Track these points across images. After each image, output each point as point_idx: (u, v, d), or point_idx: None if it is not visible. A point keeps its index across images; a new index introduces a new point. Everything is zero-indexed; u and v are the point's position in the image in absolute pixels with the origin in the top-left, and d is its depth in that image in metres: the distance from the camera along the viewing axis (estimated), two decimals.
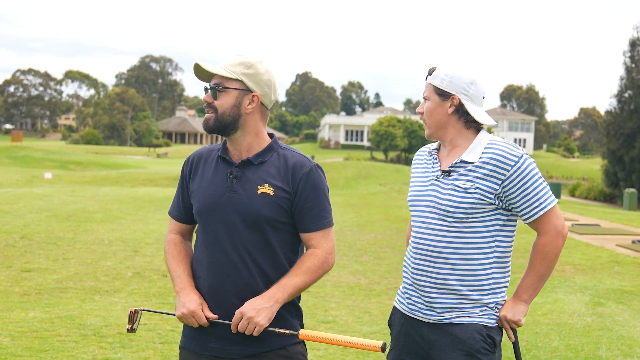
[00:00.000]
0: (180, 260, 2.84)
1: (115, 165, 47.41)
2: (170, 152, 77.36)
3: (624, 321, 7.55)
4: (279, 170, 2.76)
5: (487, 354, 2.84)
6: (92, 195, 21.21)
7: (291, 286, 2.69)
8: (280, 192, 2.73)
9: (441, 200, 2.85)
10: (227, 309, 2.71)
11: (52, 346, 5.84)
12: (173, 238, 2.92)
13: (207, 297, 2.74)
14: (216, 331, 2.74)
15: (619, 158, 42.31)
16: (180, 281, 2.78)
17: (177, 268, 2.82)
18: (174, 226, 2.94)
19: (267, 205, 2.71)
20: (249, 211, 2.70)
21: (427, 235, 2.88)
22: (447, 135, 2.95)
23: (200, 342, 2.77)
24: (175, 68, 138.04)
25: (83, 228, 13.56)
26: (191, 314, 2.68)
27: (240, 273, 2.71)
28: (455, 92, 2.90)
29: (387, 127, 68.94)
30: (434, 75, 2.94)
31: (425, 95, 2.98)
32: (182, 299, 2.72)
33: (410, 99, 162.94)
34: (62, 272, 9.25)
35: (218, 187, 2.76)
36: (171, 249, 2.88)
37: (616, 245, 13.73)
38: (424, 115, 2.99)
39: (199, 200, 2.79)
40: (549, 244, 2.85)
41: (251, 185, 2.73)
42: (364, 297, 8.51)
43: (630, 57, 43.56)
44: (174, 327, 6.63)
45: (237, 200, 2.72)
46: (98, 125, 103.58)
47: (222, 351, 2.74)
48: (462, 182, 2.83)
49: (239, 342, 2.72)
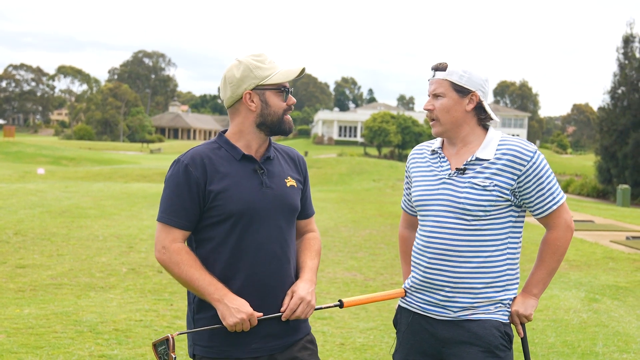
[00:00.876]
0: (202, 268, 2.67)
1: (108, 161, 47.27)
2: (163, 147, 77.20)
3: (619, 317, 7.57)
4: (288, 162, 2.90)
5: (504, 350, 2.85)
6: (85, 191, 21.14)
7: (315, 268, 2.88)
8: (299, 183, 2.89)
9: (458, 198, 2.83)
10: (271, 304, 2.72)
11: (48, 343, 5.81)
12: (181, 247, 2.70)
13: (251, 297, 2.67)
14: (260, 330, 2.70)
15: (612, 154, 42.40)
16: (216, 288, 2.64)
17: (204, 276, 2.65)
18: (179, 235, 2.71)
19: (296, 196, 2.86)
20: (288, 204, 2.79)
21: (443, 235, 2.85)
22: (461, 133, 2.92)
23: (241, 347, 2.70)
24: (168, 63, 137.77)
25: (77, 224, 13.50)
26: (250, 317, 2.62)
27: (283, 267, 2.77)
28: (475, 89, 2.88)
29: (380, 123, 68.98)
30: (450, 71, 2.87)
31: (440, 92, 2.88)
32: (233, 305, 2.61)
33: (404, 95, 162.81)
34: (57, 268, 9.21)
35: (252, 185, 2.74)
36: (186, 258, 2.67)
37: (610, 241, 13.76)
38: (437, 113, 2.90)
39: (236, 201, 2.69)
40: (560, 238, 2.90)
41: (279, 179, 2.81)
42: (360, 294, 8.49)
43: (624, 54, 43.61)
44: (170, 323, 6.61)
45: (274, 195, 2.76)
46: (91, 120, 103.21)
47: (264, 349, 2.73)
48: (480, 179, 2.82)
49: (279, 336, 2.75)
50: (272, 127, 2.79)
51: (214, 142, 2.83)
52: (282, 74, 2.75)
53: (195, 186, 2.69)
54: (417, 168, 3.06)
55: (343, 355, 5.88)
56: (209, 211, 2.71)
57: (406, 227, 3.29)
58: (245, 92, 2.75)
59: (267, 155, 2.80)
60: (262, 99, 2.76)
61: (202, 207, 2.71)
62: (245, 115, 2.79)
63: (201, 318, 2.73)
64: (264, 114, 2.76)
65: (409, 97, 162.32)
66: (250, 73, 2.74)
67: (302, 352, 2.80)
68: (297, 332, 2.80)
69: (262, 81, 2.74)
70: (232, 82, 2.77)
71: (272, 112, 2.76)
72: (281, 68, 2.79)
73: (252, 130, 2.79)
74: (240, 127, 2.81)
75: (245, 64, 2.76)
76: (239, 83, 2.75)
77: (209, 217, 2.72)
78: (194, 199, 2.70)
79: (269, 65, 2.77)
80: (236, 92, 2.77)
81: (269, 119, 2.77)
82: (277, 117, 2.78)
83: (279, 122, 2.78)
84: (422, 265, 2.92)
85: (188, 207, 2.70)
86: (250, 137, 2.80)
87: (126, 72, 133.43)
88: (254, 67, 2.75)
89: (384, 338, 6.45)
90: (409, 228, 3.27)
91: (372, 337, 6.50)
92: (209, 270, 2.70)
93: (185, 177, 2.70)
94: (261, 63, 2.76)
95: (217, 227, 2.71)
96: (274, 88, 2.76)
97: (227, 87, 2.79)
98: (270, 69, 2.76)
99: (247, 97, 2.76)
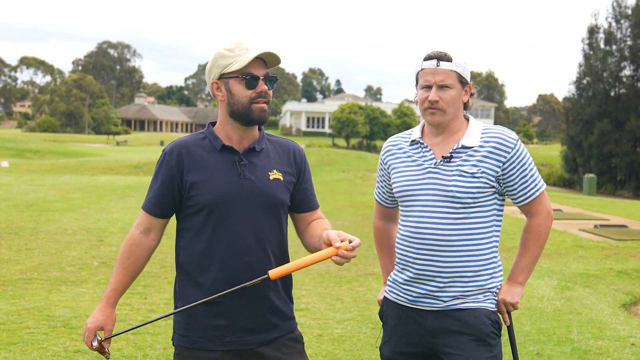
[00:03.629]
0: (124, 265, 2.74)
1: (73, 154, 46.59)
2: (130, 139, 76.33)
3: (591, 304, 7.66)
4: (280, 155, 2.83)
5: (495, 337, 2.86)
6: (52, 184, 20.82)
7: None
8: (288, 177, 2.81)
9: (447, 186, 2.82)
10: (245, 298, 2.68)
11: (21, 339, 5.70)
12: (136, 236, 2.77)
13: (224, 288, 2.64)
14: (234, 324, 2.68)
15: (577, 144, 43.04)
16: (108, 290, 2.73)
17: (117, 274, 2.75)
18: (148, 220, 2.77)
19: (280, 190, 2.76)
20: (266, 197, 2.72)
21: (432, 224, 2.84)
22: (452, 123, 2.93)
23: (214, 339, 2.69)
24: (133, 54, 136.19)
25: (45, 217, 13.29)
26: (87, 331, 2.69)
27: (260, 260, 2.70)
28: (470, 81, 2.95)
29: (348, 114, 69.02)
30: (457, 62, 2.87)
31: (449, 83, 2.85)
32: (97, 313, 2.71)
33: (372, 86, 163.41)
34: (26, 262, 9.05)
35: (229, 176, 2.69)
36: (126, 249, 2.75)
37: (579, 229, 13.93)
38: (443, 104, 2.86)
39: (210, 191, 2.66)
40: (542, 224, 2.94)
41: (261, 172, 2.74)
42: (335, 284, 8.49)
43: (589, 44, 44.21)
44: (145, 316, 6.53)
45: (252, 187, 2.70)
46: (55, 112, 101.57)
47: (238, 343, 2.69)
48: (467, 167, 2.83)
49: (256, 331, 2.70)
50: (239, 117, 2.70)
51: (201, 133, 2.80)
52: (242, 61, 2.67)
53: (169, 176, 2.71)
54: (395, 159, 3.03)
55: (322, 347, 5.85)
56: (187, 201, 2.72)
57: (380, 218, 3.27)
58: (212, 82, 2.74)
59: (251, 147, 2.75)
60: (227, 88, 2.71)
61: (179, 197, 2.73)
62: (220, 106, 2.77)
63: (181, 307, 2.72)
64: (230, 103, 2.70)
65: (376, 87, 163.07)
66: (216, 63, 2.71)
67: (283, 350, 2.75)
68: (277, 329, 2.76)
69: (224, 69, 2.69)
70: (207, 74, 2.78)
71: (237, 100, 2.69)
72: (247, 55, 2.70)
73: (228, 120, 2.75)
74: (220, 118, 2.79)
75: (215, 54, 2.74)
76: (208, 73, 2.77)
77: (187, 207, 2.73)
78: (167, 188, 2.72)
79: (237, 53, 2.69)
80: (209, 83, 2.77)
81: (235, 108, 2.70)
82: (242, 106, 2.68)
83: (245, 111, 2.68)
84: (410, 257, 2.89)
85: (159, 195, 2.74)
86: (228, 127, 2.75)
87: (90, 63, 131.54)
88: (219, 57, 2.71)
89: (361, 329, 6.44)
90: (383, 220, 3.26)
91: (350, 328, 6.48)
92: (188, 259, 2.73)
93: (162, 166, 2.74)
94: (229, 52, 2.70)
95: (194, 217, 2.72)
96: (235, 76, 2.68)
97: (207, 79, 2.79)
98: (235, 57, 2.68)
99: (215, 87, 2.74)
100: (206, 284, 2.68)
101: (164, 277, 8.36)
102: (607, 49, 43.53)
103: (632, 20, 42.65)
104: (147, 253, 2.78)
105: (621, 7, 43.24)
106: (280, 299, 2.78)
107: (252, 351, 2.71)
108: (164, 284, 7.99)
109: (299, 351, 2.81)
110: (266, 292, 2.72)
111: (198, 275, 2.70)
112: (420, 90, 2.92)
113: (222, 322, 2.68)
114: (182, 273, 2.76)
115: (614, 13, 43.51)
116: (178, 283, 2.79)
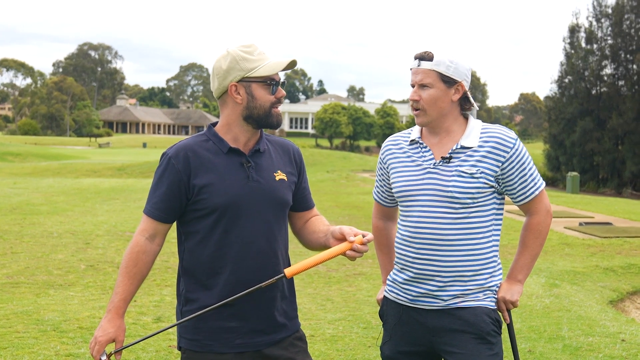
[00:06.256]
0: (131, 274, 2.66)
1: (55, 156, 46.30)
2: (112, 141, 75.95)
3: (580, 301, 7.71)
4: (282, 155, 2.84)
5: (495, 335, 2.86)
6: (35, 187, 20.68)
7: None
8: (291, 177, 2.83)
9: (446, 187, 2.81)
10: (256, 299, 2.66)
11: (11, 343, 5.64)
12: (141, 243, 2.69)
13: (236, 292, 2.62)
14: (244, 325, 2.67)
15: (560, 142, 43.37)
16: (115, 300, 2.64)
17: (122, 282, 2.66)
18: (153, 225, 2.70)
19: (286, 190, 2.78)
20: (276, 198, 2.72)
21: (432, 224, 2.83)
22: (445, 123, 2.90)
23: (224, 342, 2.67)
24: (114, 56, 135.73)
25: (29, 221, 13.17)
26: (96, 343, 2.59)
27: (271, 261, 2.70)
28: (461, 79, 2.87)
29: (331, 114, 69.14)
30: (438, 61, 2.83)
31: (427, 82, 2.84)
32: (105, 325, 2.61)
33: (354, 86, 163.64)
34: (12, 266, 8.96)
35: (238, 179, 2.67)
36: (132, 257, 2.67)
37: (564, 227, 14.02)
38: (423, 103, 2.86)
39: (220, 194, 2.63)
40: (541, 222, 2.95)
41: (267, 173, 2.73)
42: (324, 285, 8.48)
43: (570, 44, 44.57)
44: (135, 319, 6.49)
45: (261, 189, 2.68)
46: (36, 115, 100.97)
47: (249, 345, 2.67)
48: (466, 167, 2.82)
49: (266, 332, 2.70)
50: (258, 121, 2.70)
51: (202, 135, 2.76)
52: (269, 67, 2.66)
53: (176, 180, 2.65)
54: (395, 159, 3.01)
55: (314, 347, 5.84)
56: (194, 205, 2.66)
57: (380, 217, 3.26)
58: (231, 84, 2.67)
59: (256, 148, 2.73)
60: (248, 92, 2.67)
61: (186, 201, 2.67)
62: (232, 108, 2.71)
63: (188, 310, 2.70)
64: (250, 107, 2.68)
65: (359, 87, 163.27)
66: (237, 65, 2.65)
67: (290, 349, 2.76)
68: (284, 329, 2.76)
69: (247, 73, 2.65)
70: (219, 74, 2.69)
71: (259, 105, 2.67)
72: (270, 60, 2.69)
73: (239, 123, 2.71)
74: (228, 120, 2.73)
75: (233, 55, 2.67)
76: (225, 75, 2.67)
77: (195, 211, 2.67)
78: (173, 193, 2.66)
79: (257, 57, 2.67)
80: (222, 84, 2.69)
81: (255, 112, 2.68)
82: (263, 111, 2.68)
83: (265, 115, 2.69)
84: (410, 257, 2.89)
85: (166, 200, 2.67)
86: (238, 129, 2.72)
87: (71, 65, 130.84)
88: (240, 59, 2.65)
89: (353, 329, 6.43)
90: (383, 219, 3.25)
91: (341, 328, 6.48)
92: (195, 262, 2.68)
93: (167, 170, 2.67)
94: (249, 54, 2.66)
95: (202, 220, 2.67)
96: (260, 81, 2.67)
97: (215, 79, 2.71)
98: (258, 61, 2.66)
99: (233, 89, 2.68)
100: (217, 287, 2.65)
101: (152, 279, 8.31)
102: (588, 47, 43.93)
103: (612, 19, 43.06)
104: (153, 259, 2.72)
105: (601, 7, 43.65)
106: (286, 299, 2.78)
107: (261, 352, 2.70)
108: (153, 287, 7.94)
109: (304, 350, 2.82)
110: (275, 292, 2.72)
111: (207, 278, 2.67)
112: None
113: (233, 324, 2.66)
114: (189, 277, 2.72)
115: (594, 12, 43.93)
116: (184, 287, 2.74)
